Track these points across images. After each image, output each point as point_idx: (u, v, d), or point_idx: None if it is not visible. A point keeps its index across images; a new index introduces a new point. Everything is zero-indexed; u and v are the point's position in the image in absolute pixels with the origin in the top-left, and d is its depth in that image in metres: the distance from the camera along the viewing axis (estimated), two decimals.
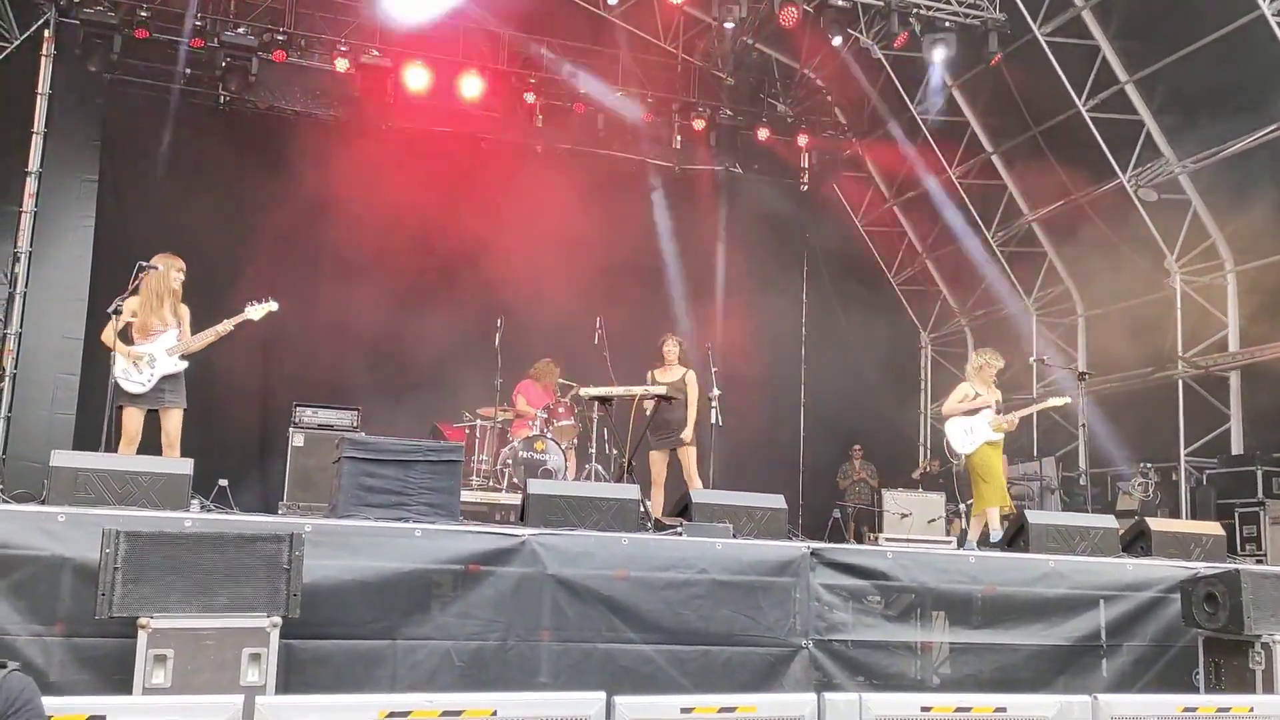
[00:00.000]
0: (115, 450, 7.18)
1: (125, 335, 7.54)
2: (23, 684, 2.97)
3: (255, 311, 7.77)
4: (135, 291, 7.46)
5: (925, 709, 4.50)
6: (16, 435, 12.34)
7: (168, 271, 7.60)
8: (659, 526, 7.28)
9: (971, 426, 9.16)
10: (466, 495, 8.82)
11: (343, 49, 13.91)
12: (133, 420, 7.44)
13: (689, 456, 9.48)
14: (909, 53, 13.42)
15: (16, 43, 12.79)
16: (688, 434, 9.44)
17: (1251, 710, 5.04)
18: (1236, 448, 12.35)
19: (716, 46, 15.53)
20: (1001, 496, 9.08)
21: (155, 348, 7.51)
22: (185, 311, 7.72)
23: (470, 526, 6.25)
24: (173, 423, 7.52)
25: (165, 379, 7.50)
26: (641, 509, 6.97)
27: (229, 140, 13.59)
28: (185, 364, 7.60)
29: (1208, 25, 11.15)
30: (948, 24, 12.75)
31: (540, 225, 14.58)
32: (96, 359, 7.67)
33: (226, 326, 7.62)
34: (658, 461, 9.50)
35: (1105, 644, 7.01)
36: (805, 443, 16.39)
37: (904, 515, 12.02)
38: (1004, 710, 4.57)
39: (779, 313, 16.36)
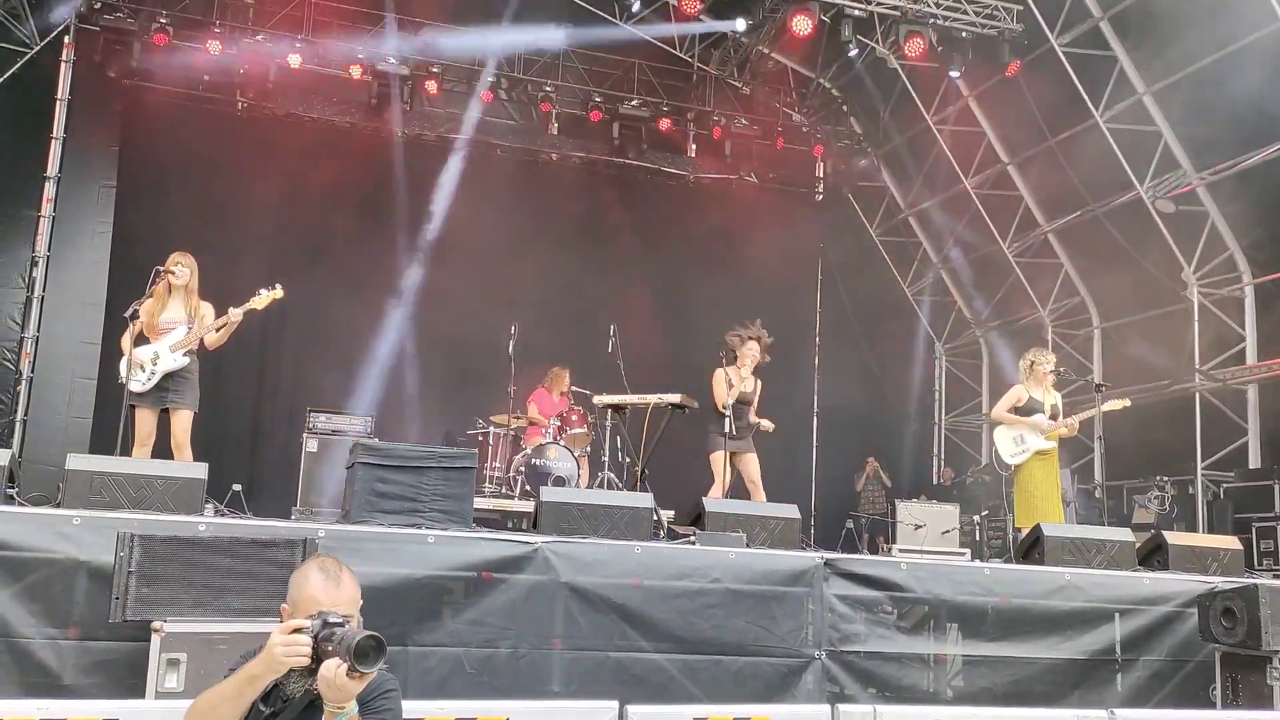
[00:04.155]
0: (129, 452, 7.19)
1: (142, 337, 7.54)
2: (383, 679, 2.95)
3: (260, 300, 7.67)
4: (152, 295, 7.48)
5: None
6: (33, 438, 12.40)
7: (171, 267, 7.57)
8: (672, 535, 7.27)
9: (1021, 434, 8.74)
10: (479, 502, 8.81)
11: (359, 56, 13.97)
12: (144, 421, 7.43)
13: (755, 464, 9.08)
14: (925, 63, 13.40)
15: (37, 48, 12.87)
16: (766, 424, 9.02)
17: None
18: (1254, 461, 12.26)
19: (732, 55, 15.55)
20: (1051, 514, 8.54)
21: (160, 345, 7.47)
22: (204, 309, 7.64)
23: (483, 534, 6.24)
24: (180, 424, 7.45)
25: (168, 377, 7.43)
26: (655, 517, 6.95)
27: (247, 146, 13.64)
28: (188, 360, 7.49)
29: (1227, 36, 11.10)
30: (965, 34, 12.74)
31: (555, 232, 14.64)
32: (113, 363, 7.68)
33: (237, 315, 7.50)
34: (723, 462, 8.82)
35: (1121, 658, 6.94)
36: (819, 452, 16.35)
37: (918, 526, 11.94)
38: None
39: (793, 322, 16.33)
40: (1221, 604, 6.54)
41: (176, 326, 7.52)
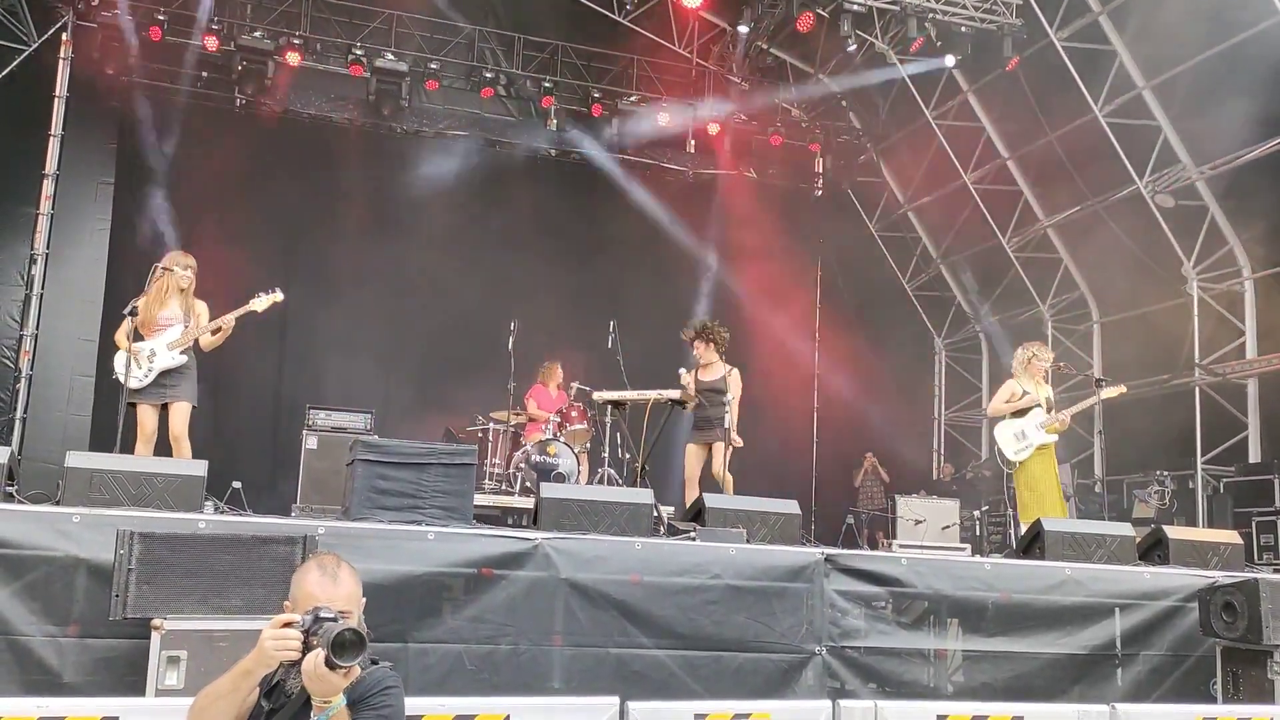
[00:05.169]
0: (131, 449, 7.19)
1: (138, 333, 7.54)
2: (385, 676, 2.94)
3: (259, 303, 7.68)
4: (150, 293, 7.48)
5: (941, 717, 4.47)
6: (32, 436, 12.39)
7: (174, 268, 7.57)
8: (672, 531, 7.26)
9: (1023, 430, 8.65)
10: (479, 499, 8.79)
11: (358, 53, 13.95)
12: (147, 418, 7.44)
13: (721, 451, 9.07)
14: (925, 57, 13.38)
15: (34, 45, 12.85)
16: (735, 438, 8.96)
17: None
18: (1254, 456, 12.25)
19: (731, 51, 15.52)
20: (1055, 508, 8.50)
21: (157, 343, 7.47)
22: (200, 307, 7.65)
23: (483, 530, 6.24)
24: (178, 418, 7.46)
25: (165, 374, 7.45)
26: (655, 513, 6.95)
27: (245, 143, 13.61)
28: (185, 359, 7.51)
29: (1226, 30, 11.08)
30: (964, 29, 12.71)
31: (555, 229, 14.62)
32: (111, 360, 7.67)
33: (230, 320, 7.53)
34: (694, 456, 9.15)
35: (1121, 653, 6.94)
36: (818, 448, 16.35)
37: (918, 522, 11.94)
38: (1021, 719, 4.54)
39: (792, 318, 16.32)
40: (1222, 598, 6.54)
41: (173, 324, 7.53)
